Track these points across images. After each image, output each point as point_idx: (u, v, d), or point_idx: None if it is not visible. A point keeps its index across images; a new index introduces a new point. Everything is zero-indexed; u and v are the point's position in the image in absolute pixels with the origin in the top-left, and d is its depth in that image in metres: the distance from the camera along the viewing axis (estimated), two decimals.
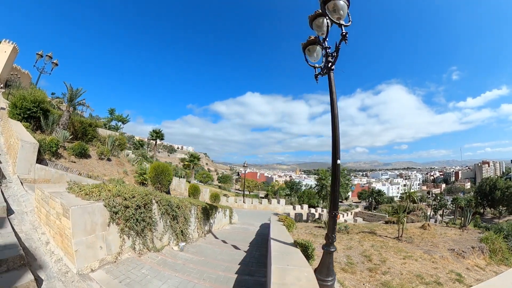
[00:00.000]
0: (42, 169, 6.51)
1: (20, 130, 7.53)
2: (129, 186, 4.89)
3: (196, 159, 35.60)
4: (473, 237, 8.46)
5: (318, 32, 3.50)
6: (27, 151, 6.11)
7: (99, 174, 9.01)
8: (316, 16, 3.32)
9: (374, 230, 9.68)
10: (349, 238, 7.71)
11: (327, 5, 3.03)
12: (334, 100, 3.38)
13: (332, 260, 3.06)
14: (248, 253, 5.44)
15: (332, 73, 3.40)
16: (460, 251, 6.47)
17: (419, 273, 4.49)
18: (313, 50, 3.70)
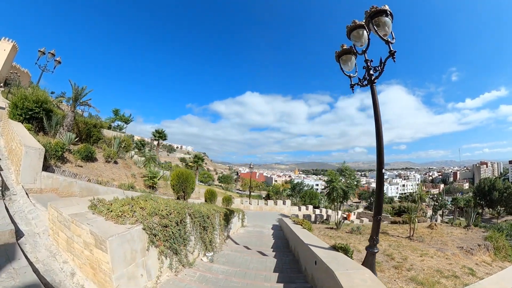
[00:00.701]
0: (49, 177, 5.93)
1: (22, 132, 6.99)
2: (159, 199, 4.39)
3: (200, 160, 35.55)
4: (478, 236, 8.91)
5: (355, 42, 3.59)
6: (31, 158, 5.50)
7: (108, 180, 8.70)
8: (356, 27, 3.40)
9: (386, 230, 9.95)
10: (365, 238, 7.95)
11: (374, 20, 3.12)
12: (378, 112, 3.40)
13: (374, 260, 3.27)
14: (278, 259, 5.40)
15: (375, 86, 3.49)
16: (468, 248, 6.89)
17: (438, 268, 4.86)
18: (348, 60, 3.78)
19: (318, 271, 3.21)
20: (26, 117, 8.87)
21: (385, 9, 2.99)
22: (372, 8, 3.04)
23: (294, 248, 5.83)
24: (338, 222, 10.38)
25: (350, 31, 3.48)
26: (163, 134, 33.95)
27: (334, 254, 3.47)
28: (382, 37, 3.10)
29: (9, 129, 8.13)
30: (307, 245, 3.95)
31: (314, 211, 23.55)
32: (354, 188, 12.59)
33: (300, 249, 4.87)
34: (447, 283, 4.15)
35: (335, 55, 3.83)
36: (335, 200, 11.73)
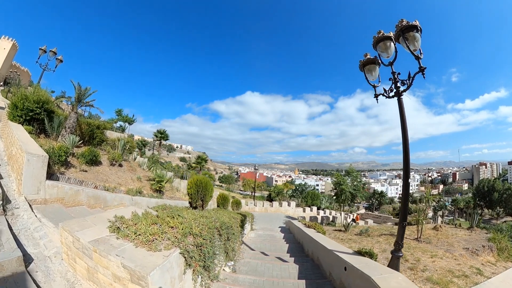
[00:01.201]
0: (53, 187, 5.51)
1: (23, 136, 6.58)
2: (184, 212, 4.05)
3: (203, 161, 35.42)
4: (481, 237, 9.15)
5: (381, 53, 3.66)
6: (34, 166, 5.08)
7: (115, 185, 8.43)
8: (383, 39, 3.46)
9: (393, 232, 10.06)
10: (376, 241, 8.06)
11: (406, 35, 3.16)
12: (405, 125, 3.50)
13: (399, 263, 3.41)
14: (299, 265, 5.37)
15: (402, 98, 3.53)
16: (473, 249, 7.13)
17: (449, 268, 5.10)
18: (373, 69, 3.84)
19: (350, 277, 3.32)
20: (26, 118, 8.45)
21: (416, 25, 3.08)
22: (402, 22, 3.14)
23: (312, 253, 5.94)
24: (347, 224, 10.50)
25: (378, 42, 3.56)
26: (165, 134, 33.95)
27: (362, 259, 3.60)
28: (412, 52, 3.17)
29: (8, 131, 7.67)
30: (331, 251, 4.09)
31: (318, 213, 23.66)
32: (361, 190, 12.77)
33: (321, 255, 5.00)
34: (459, 282, 4.37)
35: (360, 64, 3.94)
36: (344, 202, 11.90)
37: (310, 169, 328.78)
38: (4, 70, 41.66)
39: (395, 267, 3.35)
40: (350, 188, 12.70)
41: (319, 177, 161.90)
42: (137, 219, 3.39)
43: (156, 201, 9.75)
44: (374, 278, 2.76)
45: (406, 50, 3.24)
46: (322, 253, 4.89)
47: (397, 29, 3.25)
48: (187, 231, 3.27)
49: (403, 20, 3.21)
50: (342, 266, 3.55)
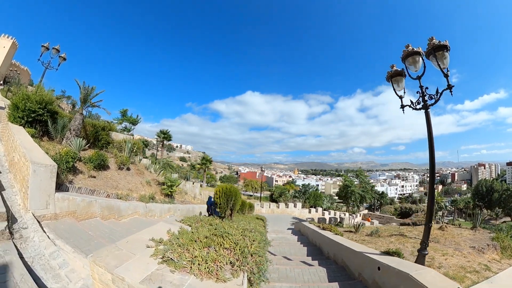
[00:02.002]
0: (64, 199, 5.00)
1: (26, 141, 6.10)
2: (226, 226, 3.81)
3: (208, 162, 35.39)
4: (485, 236, 9.62)
5: (409, 66, 3.85)
6: (42, 178, 4.55)
7: (126, 192, 8.12)
8: (413, 53, 3.67)
9: (403, 232, 10.38)
10: (389, 241, 8.39)
11: (437, 53, 3.37)
12: (432, 136, 3.79)
13: (425, 260, 3.76)
14: (325, 268, 5.48)
15: (429, 111, 3.74)
16: (479, 248, 7.60)
17: (461, 265, 5.45)
18: (400, 81, 4.00)
19: (385, 275, 3.61)
20: (28, 120, 7.96)
21: (446, 45, 3.32)
22: (433, 40, 3.42)
23: (335, 255, 6.17)
24: (357, 225, 10.81)
25: (407, 56, 3.78)
26: (167, 135, 33.88)
27: (393, 258, 3.93)
28: (442, 69, 3.41)
29: (9, 134, 7.18)
30: (360, 253, 4.40)
31: (323, 213, 23.97)
32: (369, 192, 13.10)
33: (346, 256, 5.26)
34: (472, 277, 4.72)
35: (387, 75, 4.19)
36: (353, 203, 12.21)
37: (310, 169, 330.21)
38: (3, 69, 41.47)
39: (421, 264, 3.68)
40: (359, 190, 13.04)
41: (319, 177, 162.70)
42: (185, 242, 2.96)
43: (169, 207, 9.81)
44: (412, 274, 3.06)
45: (435, 67, 3.52)
46: (348, 255, 5.12)
47: (429, 47, 3.53)
48: (246, 251, 2.99)
49: (433, 38, 3.49)
50: (375, 266, 3.84)
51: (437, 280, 2.96)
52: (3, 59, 41.58)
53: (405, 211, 37.86)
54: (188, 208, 11.58)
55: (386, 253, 4.29)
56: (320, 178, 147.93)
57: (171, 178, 11.07)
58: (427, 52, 3.54)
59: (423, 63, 3.75)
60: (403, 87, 4.22)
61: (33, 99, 8.19)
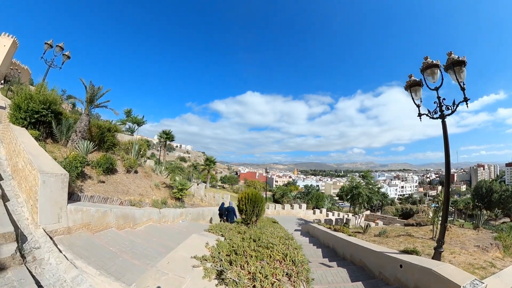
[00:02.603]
0: (77, 211, 4.61)
1: (31, 145, 5.69)
2: (266, 236, 3.66)
3: (212, 163, 35.28)
4: (488, 236, 10.09)
5: (427, 77, 4.14)
6: (52, 189, 4.15)
7: (139, 197, 7.88)
8: (432, 66, 3.94)
9: (410, 233, 10.75)
10: (397, 241, 8.71)
11: (455, 68, 3.66)
12: (448, 143, 4.11)
13: (440, 257, 4.10)
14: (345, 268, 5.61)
15: (445, 121, 4.04)
16: (483, 246, 8.10)
17: (469, 262, 5.81)
18: (417, 90, 4.27)
19: (407, 272, 3.92)
20: (31, 121, 7.61)
21: (464, 61, 3.62)
22: (451, 55, 3.73)
23: (351, 256, 6.44)
24: (365, 226, 11.15)
25: (426, 68, 4.08)
26: (170, 136, 33.78)
27: (412, 256, 4.27)
28: (459, 83, 3.71)
29: (11, 137, 6.76)
30: (381, 253, 4.73)
31: (327, 214, 24.28)
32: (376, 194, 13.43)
33: (364, 256, 5.56)
34: (480, 273, 5.08)
35: (406, 85, 4.49)
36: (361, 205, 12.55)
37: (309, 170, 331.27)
38: (4, 68, 41.43)
39: (438, 260, 4.03)
40: (367, 191, 13.38)
41: (319, 177, 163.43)
42: (233, 257, 2.76)
43: (181, 212, 9.78)
44: (434, 269, 3.42)
45: (453, 80, 3.83)
46: (367, 255, 5.41)
47: (448, 61, 3.82)
48: (297, 261, 2.92)
49: (451, 53, 3.78)
50: (397, 264, 4.14)
51: (456, 273, 3.34)
52: (3, 58, 41.53)
53: (407, 211, 38.42)
54: (198, 212, 11.65)
55: (405, 252, 4.61)
56: (320, 178, 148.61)
57: (181, 182, 10.98)
58: (446, 66, 3.84)
59: (442, 76, 4.04)
60: (420, 97, 4.52)
61: (36, 99, 7.79)
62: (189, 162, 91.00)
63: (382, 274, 4.56)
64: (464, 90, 3.71)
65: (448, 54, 3.81)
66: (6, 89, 29.79)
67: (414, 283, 3.71)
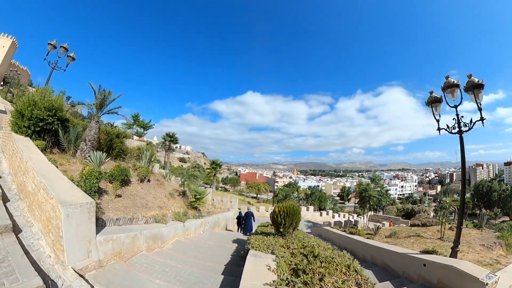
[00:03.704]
0: (107, 241, 4.15)
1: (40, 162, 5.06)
2: (322, 250, 3.70)
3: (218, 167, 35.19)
4: (491, 235, 10.80)
5: (447, 94, 4.74)
6: (78, 222, 3.64)
7: (161, 211, 7.51)
8: (453, 85, 4.54)
9: (419, 233, 11.34)
10: (409, 242, 9.30)
11: (475, 91, 4.23)
12: (464, 157, 4.67)
13: (457, 255, 4.68)
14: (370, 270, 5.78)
15: (463, 136, 4.60)
16: (488, 245, 8.84)
17: (477, 259, 6.30)
18: (438, 106, 4.87)
19: (431, 270, 4.45)
20: (35, 129, 7.11)
21: (483, 84, 4.19)
22: (471, 77, 4.26)
23: (373, 258, 6.89)
24: (376, 228, 11.73)
25: (447, 87, 4.62)
26: (174, 138, 33.83)
27: (433, 256, 4.84)
28: (477, 103, 4.24)
29: (14, 148, 6.21)
30: (404, 254, 5.28)
31: (333, 216, 24.84)
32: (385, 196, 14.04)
33: (387, 258, 6.07)
34: (488, 269, 5.85)
35: (428, 101, 5.01)
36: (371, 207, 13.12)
37: (308, 170, 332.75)
38: (3, 69, 41.33)
39: (454, 258, 4.59)
40: (377, 194, 13.97)
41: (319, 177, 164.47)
42: (304, 277, 2.79)
43: (201, 222, 9.63)
44: (455, 265, 3.96)
45: (471, 100, 4.37)
46: (390, 256, 5.90)
47: (468, 84, 4.34)
48: (359, 270, 3.11)
49: (471, 75, 4.32)
50: (420, 263, 4.68)
51: (473, 268, 3.90)
52: (2, 59, 41.43)
53: (408, 211, 39.27)
54: (214, 220, 11.68)
55: (425, 252, 5.17)
56: (320, 178, 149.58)
57: (198, 190, 10.72)
58: (466, 87, 4.38)
59: (461, 95, 4.57)
60: (440, 112, 5.05)
61: (41, 105, 7.24)
62: (189, 162, 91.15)
63: (406, 273, 5.08)
64: (481, 110, 4.23)
65: (468, 76, 4.34)
66: (5, 91, 29.76)
67: (437, 279, 4.24)
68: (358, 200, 14.77)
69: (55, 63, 13.46)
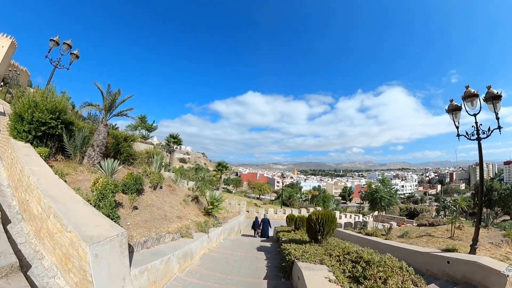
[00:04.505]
0: (142, 272, 3.65)
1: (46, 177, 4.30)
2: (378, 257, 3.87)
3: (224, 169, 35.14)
4: (497, 234, 11.37)
5: (466, 103, 5.26)
6: (110, 261, 3.04)
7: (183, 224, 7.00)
8: (473, 95, 5.05)
9: (429, 233, 11.85)
10: (423, 241, 9.78)
11: (494, 101, 4.73)
12: (482, 162, 5.18)
13: (475, 252, 5.15)
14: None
15: (481, 142, 5.09)
16: (496, 243, 9.44)
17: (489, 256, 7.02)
18: (457, 114, 5.39)
19: (455, 266, 4.89)
20: (37, 134, 6.50)
21: (501, 95, 4.65)
22: (490, 88, 4.70)
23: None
24: (388, 228, 12.18)
25: (468, 96, 5.10)
26: (178, 139, 33.71)
27: (454, 253, 5.28)
28: (496, 113, 4.72)
29: (14, 157, 5.57)
30: (426, 253, 5.75)
31: (340, 217, 25.24)
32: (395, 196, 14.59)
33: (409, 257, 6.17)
34: None
35: (448, 109, 5.46)
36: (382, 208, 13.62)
37: (308, 169, 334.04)
38: (2, 69, 41.27)
39: (473, 254, 5.07)
40: (387, 195, 14.47)
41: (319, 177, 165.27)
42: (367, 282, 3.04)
43: (221, 230, 9.45)
44: (478, 261, 4.40)
45: (489, 109, 4.81)
46: (412, 255, 6.19)
47: (487, 95, 4.79)
48: (410, 270, 3.58)
49: (490, 87, 4.76)
50: (444, 261, 5.11)
51: (494, 263, 4.35)
52: (1, 59, 41.39)
53: (411, 211, 40.00)
54: (231, 226, 11.64)
55: (446, 250, 5.63)
56: (321, 178, 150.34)
57: (215, 197, 10.51)
58: (485, 98, 4.83)
59: (480, 104, 5.02)
60: (459, 119, 5.50)
61: (43, 107, 6.62)
62: (189, 163, 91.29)
63: (429, 270, 5.51)
64: (499, 119, 4.68)
65: (487, 87, 4.79)
66: (4, 92, 29.71)
67: (461, 274, 4.68)
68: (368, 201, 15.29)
69: (58, 61, 12.39)
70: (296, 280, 4.08)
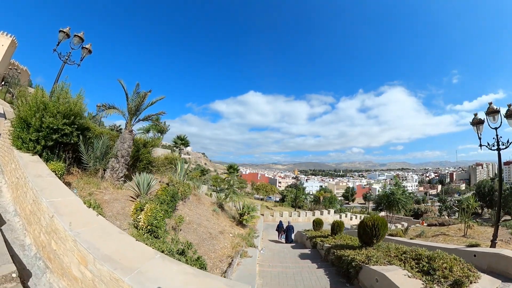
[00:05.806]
0: None
1: (74, 211, 3.36)
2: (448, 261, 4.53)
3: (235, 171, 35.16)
4: (504, 232, 12.64)
5: (489, 117, 6.32)
6: None
7: (234, 242, 6.70)
8: (494, 111, 6.11)
9: (444, 232, 12.93)
10: (440, 240, 10.81)
11: None
12: (501, 171, 6.14)
13: (496, 246, 6.11)
14: None
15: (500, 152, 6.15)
16: (506, 240, 10.59)
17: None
18: (480, 126, 6.50)
19: (480, 259, 5.76)
20: (47, 144, 5.41)
21: None
22: (510, 106, 5.66)
23: None
24: (405, 229, 13.20)
25: (491, 112, 6.07)
26: (185, 141, 34.07)
27: (478, 248, 6.20)
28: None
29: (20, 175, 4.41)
30: (454, 249, 6.63)
31: (351, 218, 26.10)
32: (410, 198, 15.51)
33: None
34: None
35: (473, 122, 6.43)
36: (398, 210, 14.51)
37: (308, 169, 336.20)
38: (2, 68, 41.36)
39: (494, 248, 6.03)
40: (403, 197, 15.35)
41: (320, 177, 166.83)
42: (438, 272, 4.03)
43: (259, 240, 9.15)
44: (501, 253, 5.24)
45: (509, 125, 5.77)
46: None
47: (508, 112, 5.75)
48: (458, 258, 4.61)
49: (511, 105, 5.72)
50: (471, 255, 6.04)
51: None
52: (1, 58, 41.48)
53: (415, 211, 41.41)
54: (261, 234, 11.56)
55: (470, 245, 6.61)
56: (321, 179, 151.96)
57: (250, 206, 10.35)
58: (507, 114, 5.79)
59: (501, 119, 5.97)
60: (482, 131, 6.46)
61: (54, 109, 5.52)
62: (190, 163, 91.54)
63: None
64: None
65: (508, 105, 5.75)
66: (4, 91, 29.88)
67: (487, 265, 5.61)
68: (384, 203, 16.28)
69: (68, 56, 10.93)
70: (372, 282, 4.42)
